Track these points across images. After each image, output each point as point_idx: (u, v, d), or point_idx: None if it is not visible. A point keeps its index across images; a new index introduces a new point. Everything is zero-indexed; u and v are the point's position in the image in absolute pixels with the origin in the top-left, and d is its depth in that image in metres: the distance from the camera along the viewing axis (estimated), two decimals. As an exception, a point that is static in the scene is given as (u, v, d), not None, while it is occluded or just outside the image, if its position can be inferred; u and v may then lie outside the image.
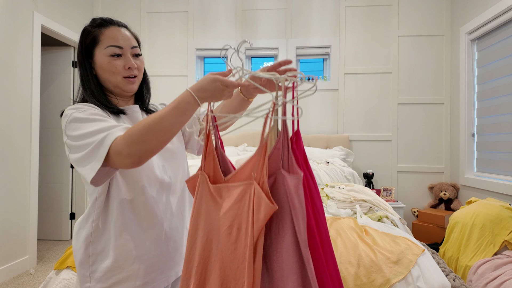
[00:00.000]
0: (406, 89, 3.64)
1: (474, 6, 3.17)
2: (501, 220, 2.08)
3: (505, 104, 2.79)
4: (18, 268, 2.79)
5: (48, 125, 3.72)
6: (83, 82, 0.99)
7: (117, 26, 0.99)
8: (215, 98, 0.81)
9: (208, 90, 0.80)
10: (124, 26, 1.02)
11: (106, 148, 0.80)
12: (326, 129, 3.72)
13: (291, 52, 3.75)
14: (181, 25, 3.86)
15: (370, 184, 3.48)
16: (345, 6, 3.71)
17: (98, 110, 0.93)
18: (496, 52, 2.91)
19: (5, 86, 2.69)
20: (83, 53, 0.99)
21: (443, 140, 3.60)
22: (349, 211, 2.03)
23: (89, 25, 1.00)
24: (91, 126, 0.85)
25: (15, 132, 2.78)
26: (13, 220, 2.76)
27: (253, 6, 3.80)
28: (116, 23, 1.00)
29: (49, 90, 3.72)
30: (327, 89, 3.72)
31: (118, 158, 0.79)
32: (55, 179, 3.71)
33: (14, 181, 2.77)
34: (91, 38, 0.98)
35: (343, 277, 1.31)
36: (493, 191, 2.86)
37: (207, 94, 0.81)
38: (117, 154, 0.79)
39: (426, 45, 3.62)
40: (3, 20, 2.66)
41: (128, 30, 1.02)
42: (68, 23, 3.47)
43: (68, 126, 0.89)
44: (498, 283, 1.69)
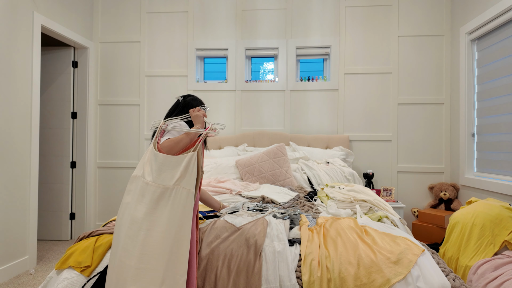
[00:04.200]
0: (406, 89, 3.64)
1: (474, 6, 3.17)
2: (501, 220, 2.08)
3: (505, 104, 2.79)
4: (18, 268, 2.79)
5: (48, 125, 3.72)
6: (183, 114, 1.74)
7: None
8: (197, 119, 1.52)
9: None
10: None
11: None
12: (326, 129, 3.73)
13: (291, 52, 3.75)
14: (181, 25, 3.86)
15: (370, 184, 3.48)
16: (345, 6, 3.71)
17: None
18: (496, 52, 2.91)
19: (5, 86, 2.69)
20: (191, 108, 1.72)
21: (443, 140, 3.60)
22: (349, 211, 2.03)
23: (197, 98, 1.79)
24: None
25: (15, 132, 2.78)
26: (13, 220, 2.76)
27: (253, 6, 3.80)
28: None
29: (49, 90, 3.72)
30: (327, 89, 3.72)
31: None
32: (55, 179, 3.71)
33: (14, 181, 2.77)
34: (200, 103, 1.78)
35: (343, 277, 1.31)
36: (493, 191, 2.86)
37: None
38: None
39: (426, 45, 3.62)
40: (3, 20, 2.67)
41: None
42: (68, 23, 3.47)
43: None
44: (498, 283, 1.69)
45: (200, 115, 1.51)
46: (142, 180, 1.37)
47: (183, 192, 1.31)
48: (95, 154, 3.91)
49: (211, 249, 1.44)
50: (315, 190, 2.85)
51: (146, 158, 1.43)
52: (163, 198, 1.32)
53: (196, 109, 1.57)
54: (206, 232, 1.54)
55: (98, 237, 1.57)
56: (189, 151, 1.37)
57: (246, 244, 1.46)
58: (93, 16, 3.91)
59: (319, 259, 1.39)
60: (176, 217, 1.28)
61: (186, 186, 1.32)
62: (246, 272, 1.37)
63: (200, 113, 1.52)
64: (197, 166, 1.36)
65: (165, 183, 1.33)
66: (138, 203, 1.34)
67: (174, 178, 1.33)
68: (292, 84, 3.75)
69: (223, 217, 1.71)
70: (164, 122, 1.57)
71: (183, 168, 1.33)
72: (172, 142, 1.40)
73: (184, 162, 1.34)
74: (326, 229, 1.59)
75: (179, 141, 1.40)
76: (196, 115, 1.52)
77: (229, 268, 1.39)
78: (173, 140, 1.41)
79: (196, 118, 1.51)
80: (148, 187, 1.34)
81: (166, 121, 1.60)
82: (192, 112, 1.55)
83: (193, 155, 1.36)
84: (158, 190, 1.32)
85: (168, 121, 1.61)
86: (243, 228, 1.56)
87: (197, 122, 1.50)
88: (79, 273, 1.42)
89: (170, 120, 1.62)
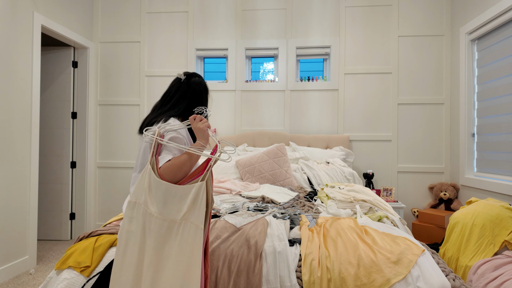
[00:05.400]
0: (406, 89, 3.64)
1: (474, 6, 3.17)
2: (501, 220, 2.08)
3: (505, 104, 2.79)
4: (18, 268, 2.79)
5: (48, 125, 3.72)
6: (190, 108, 1.52)
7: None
8: (200, 133, 1.31)
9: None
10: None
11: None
12: (326, 129, 3.72)
13: (291, 52, 3.75)
14: (181, 25, 3.86)
15: (370, 184, 3.47)
16: (345, 6, 3.71)
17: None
18: (496, 52, 2.91)
19: (5, 86, 2.69)
20: (203, 95, 1.56)
21: (443, 140, 3.60)
22: (349, 211, 2.03)
23: (203, 79, 1.57)
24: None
25: (15, 132, 2.78)
26: (13, 220, 2.76)
27: (253, 6, 3.80)
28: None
29: (49, 90, 3.72)
30: (327, 89, 3.72)
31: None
32: (55, 179, 3.71)
33: (14, 181, 2.77)
34: (208, 89, 1.59)
35: (343, 277, 1.31)
36: (493, 191, 2.86)
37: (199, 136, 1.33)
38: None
39: (426, 45, 3.62)
40: (3, 20, 2.66)
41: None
42: (68, 23, 3.47)
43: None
44: (498, 283, 1.69)
45: (205, 129, 1.28)
46: (145, 210, 1.22)
47: (191, 228, 1.16)
48: (95, 154, 3.90)
49: (211, 249, 1.44)
50: (315, 190, 2.85)
51: (146, 183, 1.23)
52: (171, 233, 1.18)
53: (198, 118, 1.31)
54: (206, 232, 1.54)
55: (98, 237, 1.57)
56: (197, 181, 1.20)
57: (246, 244, 1.46)
58: (93, 16, 3.91)
59: (319, 259, 1.39)
60: (185, 255, 1.14)
61: (195, 221, 1.16)
62: (246, 273, 1.37)
63: (205, 126, 1.29)
64: (206, 198, 1.19)
65: (171, 216, 1.19)
66: (144, 236, 1.20)
67: (181, 211, 1.18)
68: (292, 84, 3.75)
69: (223, 217, 1.71)
70: (159, 132, 1.32)
71: (191, 201, 1.17)
72: (174, 168, 1.23)
73: (192, 194, 1.18)
74: (326, 229, 1.59)
75: (181, 165, 1.23)
76: (199, 128, 1.29)
77: (230, 268, 1.39)
78: (174, 165, 1.23)
79: (200, 132, 1.28)
80: (153, 219, 1.20)
81: (160, 127, 1.35)
82: (194, 122, 1.31)
83: (202, 186, 1.18)
84: (165, 224, 1.18)
85: (162, 128, 1.35)
86: (243, 229, 1.56)
87: (201, 138, 1.28)
88: (79, 273, 1.42)
89: (165, 126, 1.35)
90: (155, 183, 1.22)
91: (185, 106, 1.49)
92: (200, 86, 1.54)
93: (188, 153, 1.24)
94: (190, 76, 1.55)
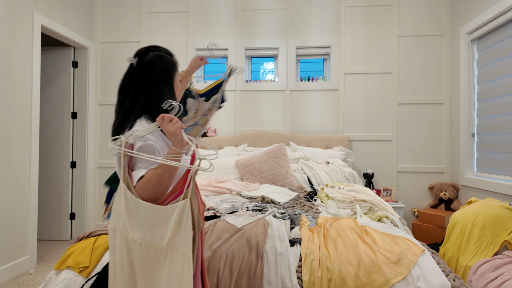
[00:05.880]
0: (406, 89, 3.64)
1: (474, 6, 3.16)
2: (501, 220, 2.08)
3: (505, 104, 2.79)
4: (18, 268, 2.79)
5: (48, 125, 3.72)
6: (165, 98, 1.18)
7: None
8: (173, 138, 1.03)
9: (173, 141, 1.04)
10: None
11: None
12: (326, 129, 3.72)
13: (291, 52, 3.75)
14: (181, 25, 3.86)
15: (370, 184, 3.48)
16: (345, 6, 3.71)
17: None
18: (496, 52, 2.91)
19: (5, 86, 2.69)
20: (169, 74, 1.23)
21: (443, 140, 3.60)
22: (349, 211, 2.03)
23: (166, 53, 1.24)
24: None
25: (15, 132, 2.78)
26: (13, 220, 2.76)
27: (253, 6, 3.80)
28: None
29: (49, 90, 3.72)
30: (327, 89, 3.72)
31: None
32: (55, 179, 3.71)
33: (14, 181, 2.77)
34: (175, 65, 1.27)
35: (343, 277, 1.31)
36: (493, 191, 2.86)
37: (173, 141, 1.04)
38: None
39: (426, 45, 3.62)
40: (3, 20, 2.66)
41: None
42: (68, 23, 3.47)
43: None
44: (498, 283, 1.69)
45: (177, 131, 1.01)
46: (126, 236, 1.03)
47: (178, 256, 0.97)
48: (95, 154, 3.90)
49: (212, 250, 1.44)
50: (315, 190, 2.85)
51: (123, 205, 1.03)
52: (158, 261, 1.00)
53: (166, 118, 1.02)
54: (207, 233, 1.54)
55: (97, 238, 1.57)
56: (179, 199, 0.99)
57: (247, 245, 1.45)
58: (93, 16, 3.91)
59: (319, 259, 1.39)
60: (175, 286, 0.98)
61: (181, 247, 0.96)
62: (248, 274, 1.37)
63: (176, 128, 1.01)
64: (191, 219, 0.97)
65: (156, 242, 0.99)
66: (131, 266, 1.04)
67: (165, 237, 0.98)
68: (292, 84, 3.75)
69: (223, 218, 1.71)
70: (127, 141, 1.07)
71: (175, 224, 0.97)
72: (150, 184, 1.01)
73: (175, 215, 0.97)
74: (326, 229, 1.59)
75: (158, 180, 1.01)
76: (169, 132, 1.01)
77: (231, 269, 1.39)
78: (150, 181, 1.01)
79: (172, 136, 1.02)
80: (136, 246, 1.01)
81: (126, 135, 1.08)
82: (162, 124, 1.02)
83: (185, 205, 0.96)
84: (150, 251, 1.00)
85: (129, 135, 1.08)
86: (244, 229, 1.56)
87: (175, 143, 1.02)
88: (78, 274, 1.42)
89: (133, 133, 1.09)
90: (134, 204, 1.02)
91: (146, 99, 1.17)
92: (154, 66, 1.19)
93: (163, 166, 1.01)
94: (143, 55, 1.20)
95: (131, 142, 1.08)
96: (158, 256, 0.99)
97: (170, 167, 1.01)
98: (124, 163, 1.05)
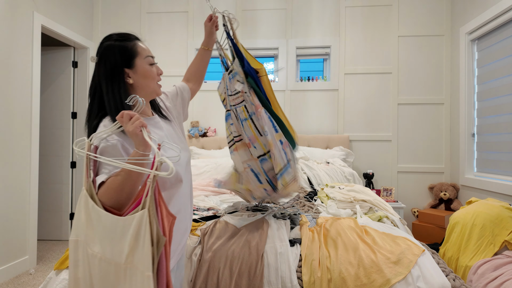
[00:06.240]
0: (406, 89, 3.64)
1: (474, 6, 3.17)
2: (501, 220, 2.08)
3: (505, 104, 2.79)
4: (18, 268, 2.79)
5: (48, 125, 3.72)
6: (118, 94, 1.04)
7: (138, 40, 1.12)
8: (134, 138, 0.91)
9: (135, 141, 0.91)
10: (140, 40, 1.14)
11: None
12: (326, 129, 3.72)
13: (291, 52, 3.75)
14: (181, 25, 3.86)
15: (370, 184, 3.48)
16: (345, 6, 3.71)
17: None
18: (496, 52, 2.91)
19: (5, 86, 2.69)
20: (122, 65, 1.06)
21: (443, 140, 3.60)
22: (349, 211, 2.03)
23: (116, 40, 1.07)
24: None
25: (15, 132, 2.78)
26: (13, 220, 2.76)
27: (253, 6, 3.80)
28: (137, 38, 1.13)
29: (49, 90, 3.72)
30: (327, 89, 3.72)
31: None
32: (55, 179, 3.71)
33: (14, 181, 2.77)
34: (130, 50, 1.07)
35: (343, 277, 1.31)
36: (493, 191, 2.86)
37: (136, 142, 0.91)
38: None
39: (426, 45, 3.62)
40: (3, 20, 2.66)
41: (143, 43, 1.15)
42: (68, 23, 3.47)
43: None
44: (498, 283, 1.69)
45: (136, 131, 0.89)
46: (87, 250, 0.92)
47: (138, 275, 0.84)
48: (95, 154, 3.90)
49: (212, 251, 1.44)
50: (315, 190, 2.85)
51: (83, 215, 0.93)
52: (119, 280, 0.88)
53: (126, 115, 0.90)
54: (207, 234, 1.54)
55: (98, 238, 1.56)
56: (138, 209, 0.85)
57: (247, 245, 1.45)
58: (93, 16, 3.91)
59: (319, 260, 1.39)
60: None
61: (139, 265, 0.83)
62: (248, 274, 1.37)
63: (135, 127, 0.89)
64: (150, 233, 0.82)
65: (116, 258, 0.87)
66: (92, 285, 0.93)
67: (123, 252, 0.86)
68: (292, 84, 3.75)
69: (222, 218, 1.71)
70: (91, 143, 0.97)
71: (132, 238, 0.84)
72: (111, 192, 0.91)
73: (132, 228, 0.84)
74: (326, 229, 1.59)
75: (120, 187, 0.91)
76: (129, 132, 0.90)
77: (231, 270, 1.39)
78: (111, 188, 0.91)
79: (133, 136, 0.90)
80: (96, 261, 0.90)
81: (93, 136, 0.98)
82: (123, 122, 0.91)
83: (143, 216, 0.83)
84: (110, 268, 0.88)
85: (94, 137, 0.98)
86: (244, 229, 1.56)
87: (137, 144, 0.91)
88: (79, 274, 1.41)
89: (97, 134, 0.98)
90: (95, 214, 0.91)
91: (100, 98, 1.07)
92: (103, 60, 1.06)
93: (125, 171, 0.90)
94: (98, 51, 1.08)
95: (95, 144, 0.98)
96: (118, 274, 0.87)
97: (132, 172, 0.89)
98: (87, 168, 0.95)
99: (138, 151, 0.90)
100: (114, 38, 1.08)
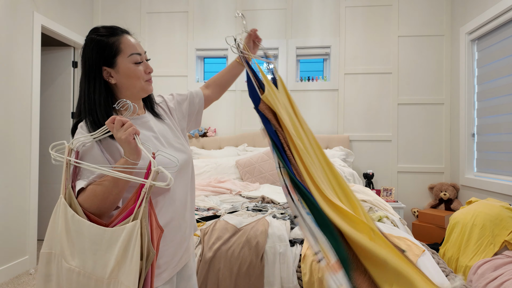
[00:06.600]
0: (406, 89, 3.64)
1: (474, 6, 3.17)
2: (501, 220, 2.08)
3: (505, 104, 2.79)
4: (18, 268, 2.79)
5: (48, 125, 3.72)
6: (92, 94, 0.95)
7: (127, 34, 1.02)
8: (125, 146, 0.84)
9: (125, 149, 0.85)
10: (130, 33, 1.05)
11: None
12: (326, 129, 3.72)
13: (291, 52, 3.75)
14: (181, 25, 3.86)
15: (370, 184, 3.48)
16: (345, 6, 3.71)
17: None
18: (496, 52, 2.91)
19: (5, 86, 2.69)
20: (99, 63, 0.96)
21: (443, 140, 3.60)
22: (349, 211, 2.02)
23: (99, 34, 0.97)
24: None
25: (15, 132, 2.78)
26: (13, 220, 2.76)
27: (253, 6, 3.80)
28: (126, 31, 1.03)
29: (49, 90, 3.72)
30: (327, 89, 3.72)
31: None
32: (55, 179, 3.70)
33: (14, 181, 2.77)
34: (111, 47, 0.97)
35: (344, 277, 1.31)
36: (493, 191, 2.86)
37: (126, 149, 0.85)
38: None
39: (426, 45, 3.62)
40: (3, 20, 2.66)
41: (133, 37, 1.06)
42: (68, 23, 3.47)
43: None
44: (498, 283, 1.70)
45: (129, 139, 0.82)
46: (62, 263, 0.85)
47: None
48: (95, 154, 3.90)
49: (213, 251, 1.44)
50: (315, 190, 2.85)
51: (61, 225, 0.85)
52: None
53: (117, 121, 0.83)
54: (207, 234, 1.54)
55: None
56: (128, 220, 0.79)
57: (248, 245, 1.46)
58: (93, 16, 3.91)
59: (319, 260, 1.39)
60: None
61: (125, 281, 0.77)
62: (248, 274, 1.37)
63: (128, 134, 0.82)
64: (140, 246, 0.77)
65: (97, 273, 0.80)
66: None
67: (107, 266, 0.80)
68: (292, 84, 3.75)
69: (222, 218, 1.71)
70: (72, 147, 0.89)
71: (121, 251, 0.78)
72: (94, 199, 0.84)
73: (121, 240, 0.78)
74: (326, 230, 1.59)
75: (105, 196, 0.84)
76: (120, 140, 0.83)
77: (232, 270, 1.39)
78: (94, 195, 0.85)
79: (124, 144, 0.83)
80: (74, 276, 0.82)
81: (71, 142, 0.90)
82: (112, 128, 0.84)
83: (134, 228, 0.78)
84: (90, 284, 0.81)
85: (76, 141, 0.90)
86: (244, 229, 1.56)
87: (128, 152, 0.84)
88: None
89: (78, 138, 0.90)
90: (75, 225, 0.83)
91: (80, 99, 0.98)
92: (83, 57, 0.98)
93: (111, 179, 0.83)
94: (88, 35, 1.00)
95: (76, 149, 0.90)
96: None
97: (120, 180, 0.82)
98: (66, 174, 0.88)
99: (129, 159, 0.83)
100: (98, 32, 0.98)
